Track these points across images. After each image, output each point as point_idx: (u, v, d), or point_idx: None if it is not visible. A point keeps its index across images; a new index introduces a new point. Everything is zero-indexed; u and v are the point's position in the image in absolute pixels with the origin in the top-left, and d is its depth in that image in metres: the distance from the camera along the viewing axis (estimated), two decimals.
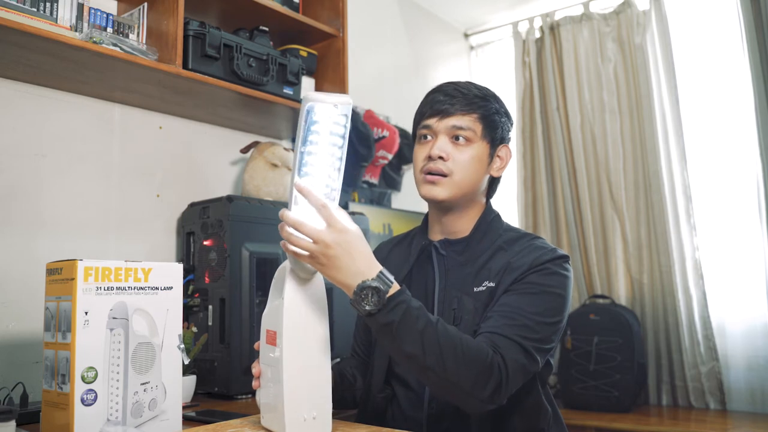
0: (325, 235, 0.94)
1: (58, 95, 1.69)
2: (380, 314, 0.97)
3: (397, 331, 0.97)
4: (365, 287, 0.96)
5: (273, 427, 0.99)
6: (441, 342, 0.98)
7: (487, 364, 1.00)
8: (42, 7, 1.46)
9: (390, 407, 1.24)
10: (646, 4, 2.83)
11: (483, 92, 1.25)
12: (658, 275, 2.69)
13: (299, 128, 0.93)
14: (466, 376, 0.99)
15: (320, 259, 0.95)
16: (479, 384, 1.00)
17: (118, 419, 1.04)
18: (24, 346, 1.54)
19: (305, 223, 0.94)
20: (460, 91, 1.23)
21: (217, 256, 1.71)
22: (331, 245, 0.94)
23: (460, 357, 0.99)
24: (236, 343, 1.64)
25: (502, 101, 1.30)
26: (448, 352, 0.98)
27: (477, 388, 1.00)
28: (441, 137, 1.21)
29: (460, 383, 0.99)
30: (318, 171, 0.96)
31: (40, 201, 1.63)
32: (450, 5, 3.20)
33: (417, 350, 0.98)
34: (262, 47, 1.87)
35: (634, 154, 2.82)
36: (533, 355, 1.07)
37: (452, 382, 0.99)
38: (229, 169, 2.15)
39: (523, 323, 1.08)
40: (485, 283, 1.17)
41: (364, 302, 0.96)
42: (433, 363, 0.98)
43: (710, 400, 2.54)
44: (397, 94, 2.88)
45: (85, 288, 1.02)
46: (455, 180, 1.20)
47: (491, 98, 1.26)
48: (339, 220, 0.95)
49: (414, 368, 1.02)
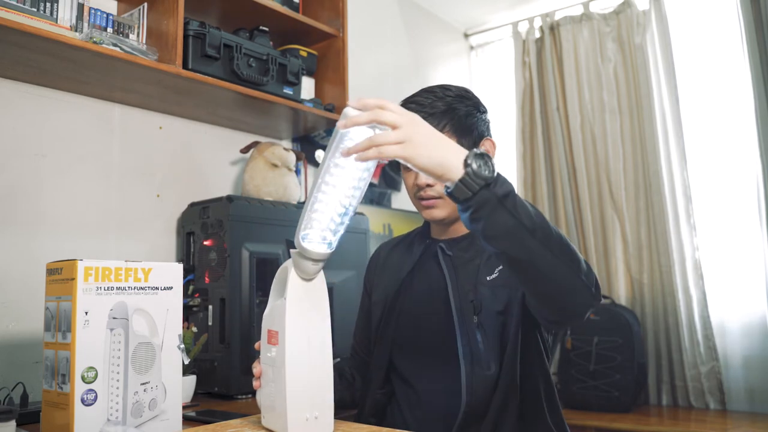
0: (405, 113, 0.83)
1: (58, 95, 1.69)
2: (500, 184, 0.85)
3: (513, 203, 0.86)
4: (479, 154, 0.84)
5: (274, 427, 0.99)
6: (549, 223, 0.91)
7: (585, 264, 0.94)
8: (42, 7, 1.46)
9: (390, 405, 1.24)
10: (646, 4, 2.83)
11: (447, 100, 1.21)
12: (658, 275, 2.69)
13: (334, 138, 0.86)
14: (577, 260, 0.91)
15: (414, 138, 0.82)
16: (591, 275, 0.93)
17: (118, 419, 1.04)
18: (24, 346, 1.54)
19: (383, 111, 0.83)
20: (425, 111, 1.18)
21: (217, 256, 1.70)
22: (417, 120, 0.83)
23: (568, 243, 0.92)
24: (236, 343, 1.64)
25: (472, 94, 1.26)
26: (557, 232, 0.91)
27: (591, 278, 0.93)
28: None
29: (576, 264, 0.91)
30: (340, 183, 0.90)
31: (40, 201, 1.63)
32: (450, 5, 3.20)
33: (538, 223, 0.88)
34: (262, 47, 1.87)
35: (634, 154, 2.82)
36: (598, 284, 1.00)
37: (568, 261, 0.90)
38: (229, 169, 2.15)
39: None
40: (497, 270, 1.17)
41: (483, 168, 0.83)
42: (555, 235, 0.89)
43: (710, 400, 2.54)
44: (397, 94, 2.84)
45: (85, 288, 1.02)
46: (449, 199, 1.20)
47: (457, 102, 1.21)
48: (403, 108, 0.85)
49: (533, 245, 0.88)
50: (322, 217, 0.92)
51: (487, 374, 1.12)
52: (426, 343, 1.21)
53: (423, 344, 1.22)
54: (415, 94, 1.25)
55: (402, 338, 1.25)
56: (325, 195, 0.91)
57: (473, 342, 1.14)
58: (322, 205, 0.91)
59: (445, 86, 1.25)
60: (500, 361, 1.12)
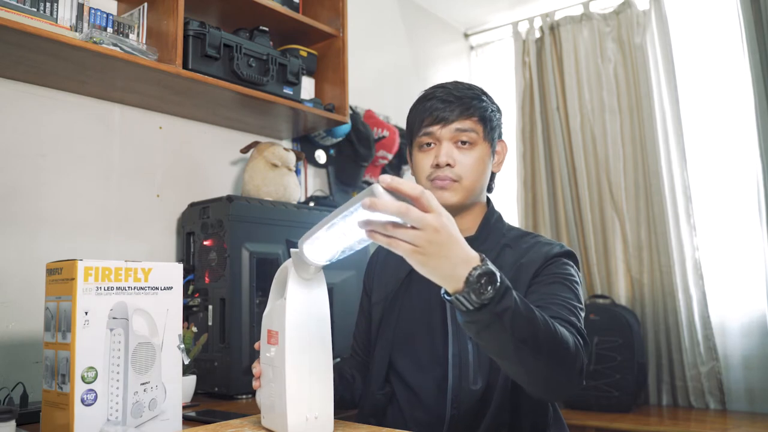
0: (432, 219, 0.78)
1: (58, 95, 1.69)
2: (497, 302, 0.85)
3: (512, 319, 0.86)
4: (483, 273, 0.82)
5: (274, 427, 0.99)
6: (543, 326, 0.91)
7: (573, 347, 0.97)
8: (42, 7, 1.46)
9: (390, 405, 1.24)
10: (646, 4, 2.83)
11: (475, 92, 1.24)
12: (658, 275, 2.69)
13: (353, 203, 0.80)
14: (565, 357, 0.95)
15: (427, 248, 0.79)
16: (576, 367, 0.97)
17: (118, 419, 1.04)
18: (24, 346, 1.54)
19: (412, 209, 0.77)
20: (455, 95, 1.22)
21: (217, 256, 1.70)
22: (440, 230, 0.79)
23: (560, 339, 0.94)
24: (236, 343, 1.64)
25: (490, 95, 1.29)
26: (551, 333, 0.92)
27: (575, 372, 0.97)
28: (445, 143, 1.21)
29: (563, 363, 0.95)
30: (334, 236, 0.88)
31: (40, 201, 1.63)
32: (450, 5, 3.20)
33: (527, 335, 0.89)
34: (262, 47, 1.87)
35: (634, 154, 2.82)
36: (585, 337, 1.05)
37: (555, 363, 0.94)
38: (229, 169, 2.15)
39: (568, 307, 1.07)
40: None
41: (482, 291, 0.83)
42: (540, 346, 0.90)
43: (710, 399, 2.54)
44: (397, 94, 2.88)
45: (85, 288, 1.02)
46: (464, 185, 1.20)
47: (484, 96, 1.25)
48: (439, 204, 0.81)
49: (522, 355, 0.90)
50: (327, 246, 0.91)
51: (473, 389, 1.12)
52: (423, 346, 1.21)
53: (420, 346, 1.22)
54: (444, 83, 1.27)
55: (401, 339, 1.25)
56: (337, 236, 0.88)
57: (463, 351, 1.15)
58: (331, 240, 0.89)
59: (469, 83, 1.28)
60: (487, 378, 1.12)
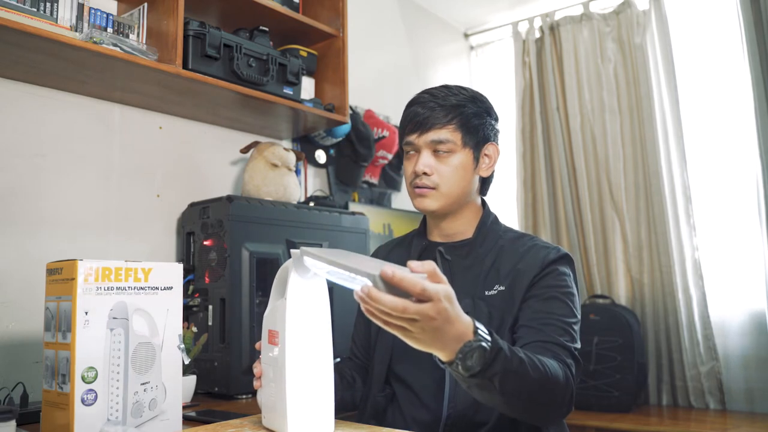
0: (428, 309, 0.79)
1: (58, 95, 1.69)
2: (486, 369, 0.89)
3: (501, 380, 0.91)
4: (471, 349, 0.86)
5: (274, 427, 0.99)
6: (533, 375, 0.96)
7: (563, 380, 1.02)
8: (42, 7, 1.46)
9: (390, 407, 1.24)
10: (646, 4, 2.83)
11: (460, 98, 1.23)
12: (658, 275, 2.69)
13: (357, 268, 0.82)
14: (554, 396, 1.01)
15: (420, 334, 0.82)
16: (565, 400, 1.03)
17: (118, 419, 1.04)
18: (24, 346, 1.54)
19: (409, 307, 0.78)
20: (437, 102, 1.22)
21: (217, 256, 1.70)
22: (436, 317, 0.80)
23: (550, 382, 0.99)
24: (236, 343, 1.64)
25: (484, 99, 1.28)
26: (540, 380, 0.97)
27: (563, 405, 1.03)
28: (423, 152, 1.22)
29: (552, 402, 1.01)
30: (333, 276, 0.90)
31: (40, 201, 1.63)
32: (450, 5, 3.20)
33: (516, 389, 0.94)
34: (262, 47, 1.87)
35: (634, 155, 2.82)
36: (578, 357, 1.10)
37: (543, 405, 1.00)
38: (229, 169, 2.14)
39: (563, 327, 1.10)
40: (496, 287, 1.18)
41: (469, 362, 0.87)
42: (529, 394, 0.96)
43: (710, 399, 2.54)
44: (397, 94, 2.88)
45: (85, 288, 1.02)
46: (443, 191, 1.22)
47: (469, 101, 1.24)
48: (438, 289, 0.80)
49: (513, 403, 0.97)
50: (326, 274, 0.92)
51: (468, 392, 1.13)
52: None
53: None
54: (433, 87, 1.27)
55: (401, 342, 1.24)
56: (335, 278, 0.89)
57: None
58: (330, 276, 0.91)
59: (463, 86, 1.28)
60: None
